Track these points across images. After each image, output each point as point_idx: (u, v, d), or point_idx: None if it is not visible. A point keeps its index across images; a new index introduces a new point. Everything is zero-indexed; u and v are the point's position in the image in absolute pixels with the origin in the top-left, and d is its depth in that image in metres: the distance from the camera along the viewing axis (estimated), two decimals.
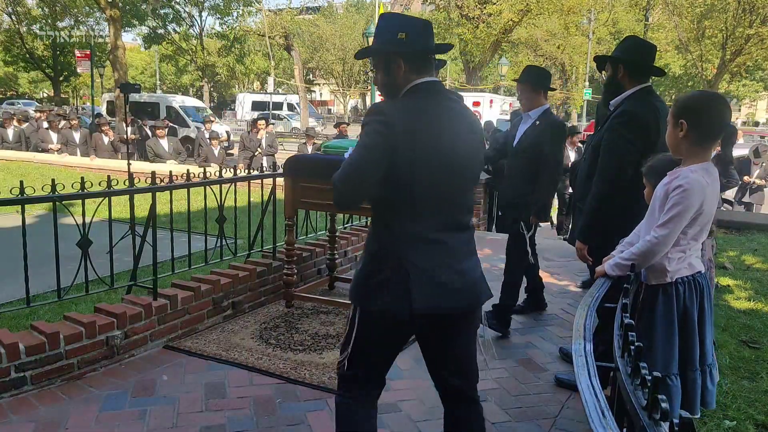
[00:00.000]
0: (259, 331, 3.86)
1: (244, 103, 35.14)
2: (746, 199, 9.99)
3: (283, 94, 38.17)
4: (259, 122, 11.66)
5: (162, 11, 34.16)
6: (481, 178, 6.99)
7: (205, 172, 4.24)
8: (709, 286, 2.31)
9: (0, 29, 30.91)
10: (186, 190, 3.96)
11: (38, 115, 14.33)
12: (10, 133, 13.04)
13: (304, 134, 12.63)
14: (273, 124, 12.62)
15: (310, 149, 10.99)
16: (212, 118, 17.07)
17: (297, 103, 33.25)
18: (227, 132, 12.40)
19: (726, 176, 6.54)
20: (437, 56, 5.12)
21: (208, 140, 11.35)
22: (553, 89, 4.11)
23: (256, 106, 33.29)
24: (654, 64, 3.08)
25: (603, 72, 3.35)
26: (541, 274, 4.50)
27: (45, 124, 13.16)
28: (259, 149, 11.24)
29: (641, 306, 2.30)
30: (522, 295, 4.22)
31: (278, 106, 33.59)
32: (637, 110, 2.85)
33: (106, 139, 12.34)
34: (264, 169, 6.29)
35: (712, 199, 2.18)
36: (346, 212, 2.78)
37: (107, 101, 23.85)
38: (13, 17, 31.03)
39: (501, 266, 5.35)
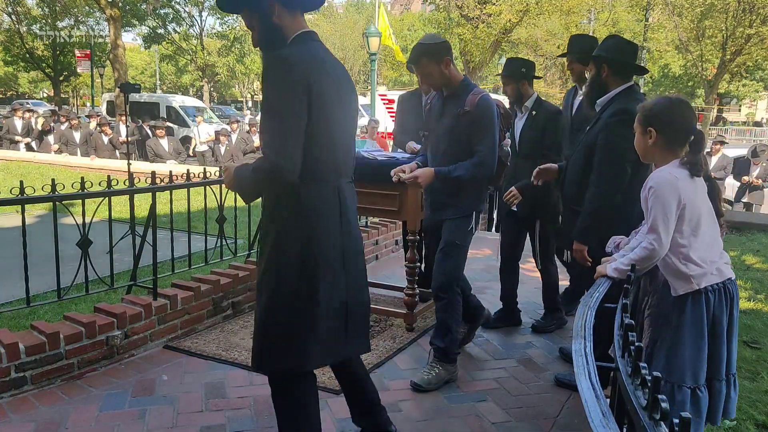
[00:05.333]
0: None
1: None
2: (746, 198, 9.99)
3: None
4: None
5: (162, 11, 34.13)
6: None
7: (205, 172, 4.24)
8: (737, 294, 2.25)
9: (0, 29, 30.89)
10: (186, 190, 3.96)
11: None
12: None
13: None
14: (240, 121, 13.09)
15: None
16: (200, 117, 17.06)
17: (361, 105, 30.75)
18: (216, 132, 12.47)
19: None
20: None
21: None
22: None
23: None
24: (636, 62, 3.08)
25: (587, 71, 3.34)
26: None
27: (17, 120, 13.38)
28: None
29: (667, 316, 2.23)
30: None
31: None
32: (632, 108, 2.84)
33: (106, 139, 12.36)
34: None
35: (692, 191, 2.16)
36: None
37: (107, 101, 23.83)
38: (13, 17, 31.01)
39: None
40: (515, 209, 3.86)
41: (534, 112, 3.84)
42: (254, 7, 2.06)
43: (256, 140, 11.44)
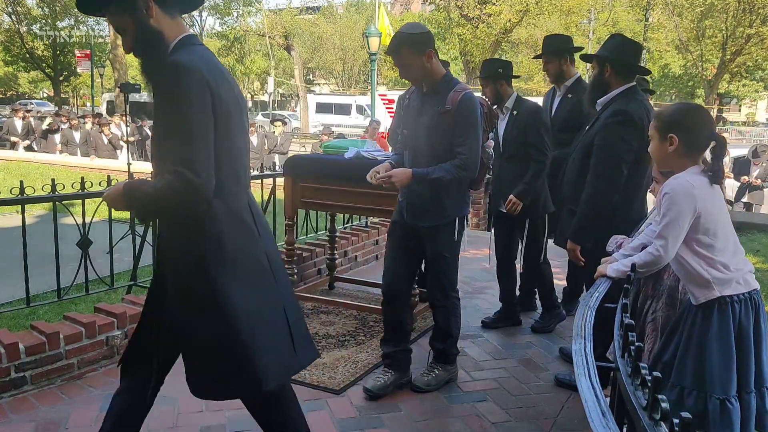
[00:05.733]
0: None
1: (309, 104, 31.67)
2: (746, 198, 9.99)
3: (352, 95, 33.44)
4: (276, 122, 12.58)
5: None
6: None
7: None
8: (763, 305, 2.20)
9: (0, 29, 30.91)
10: None
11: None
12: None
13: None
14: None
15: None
16: None
17: (367, 105, 26.05)
18: None
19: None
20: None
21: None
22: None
23: (321, 108, 29.85)
24: (639, 62, 3.08)
25: (590, 70, 3.33)
26: None
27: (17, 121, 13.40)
28: (272, 147, 11.64)
29: (691, 327, 2.18)
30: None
31: (346, 108, 28.66)
32: (631, 109, 2.84)
33: (106, 139, 12.38)
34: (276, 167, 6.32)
35: (709, 199, 2.11)
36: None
37: (107, 101, 23.89)
38: (13, 17, 31.03)
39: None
40: (503, 210, 3.84)
41: (515, 112, 3.79)
42: (124, 7, 1.83)
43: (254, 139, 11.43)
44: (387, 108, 16.50)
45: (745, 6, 23.43)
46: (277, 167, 9.55)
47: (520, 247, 4.09)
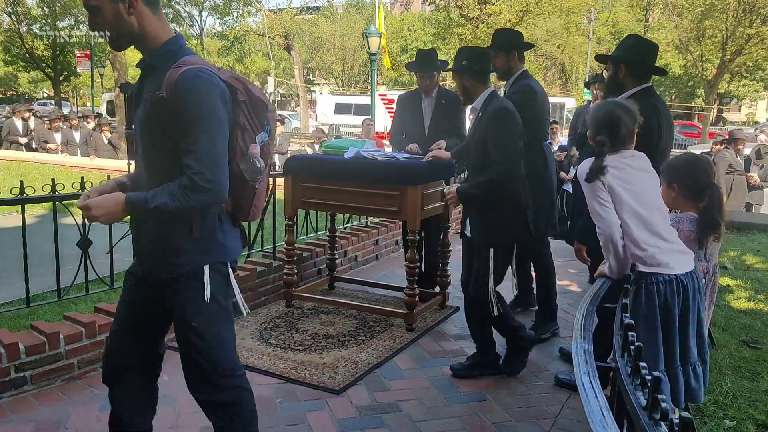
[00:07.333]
0: (259, 331, 3.86)
1: (327, 104, 30.87)
2: (746, 198, 9.98)
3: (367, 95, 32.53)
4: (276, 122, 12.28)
5: (162, 11, 34.11)
6: None
7: None
8: (695, 287, 2.31)
9: (0, 29, 30.90)
10: None
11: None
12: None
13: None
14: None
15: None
16: None
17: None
18: None
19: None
20: (440, 57, 4.94)
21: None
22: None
23: (341, 108, 29.09)
24: (655, 63, 3.07)
25: (605, 70, 3.34)
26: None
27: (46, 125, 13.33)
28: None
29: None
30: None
31: (365, 109, 28.17)
32: (641, 111, 2.84)
33: (105, 139, 12.37)
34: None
35: (623, 177, 2.28)
36: None
37: (107, 101, 23.88)
38: (13, 17, 31.02)
39: None
40: (467, 234, 3.32)
41: (480, 114, 3.21)
42: None
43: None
44: (387, 108, 16.52)
45: (745, 6, 23.41)
46: (277, 167, 9.49)
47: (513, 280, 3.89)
